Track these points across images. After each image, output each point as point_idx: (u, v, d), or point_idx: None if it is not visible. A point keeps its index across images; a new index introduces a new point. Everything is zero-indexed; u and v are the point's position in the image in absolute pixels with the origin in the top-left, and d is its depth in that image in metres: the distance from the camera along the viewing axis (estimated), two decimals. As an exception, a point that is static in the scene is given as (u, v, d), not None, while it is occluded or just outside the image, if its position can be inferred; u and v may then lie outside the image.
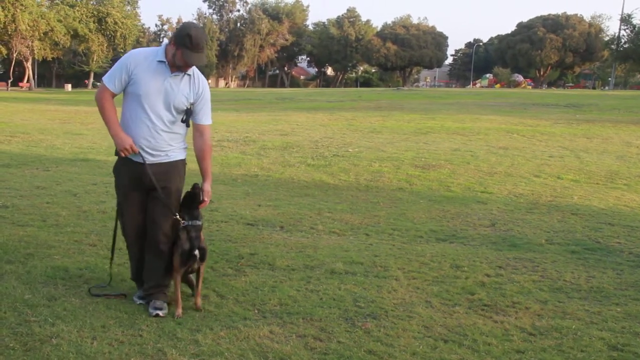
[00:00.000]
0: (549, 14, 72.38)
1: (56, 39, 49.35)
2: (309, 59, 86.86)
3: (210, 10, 78.83)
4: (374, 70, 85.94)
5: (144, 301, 3.51)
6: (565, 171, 8.94)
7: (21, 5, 44.30)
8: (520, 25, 73.86)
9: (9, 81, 49.51)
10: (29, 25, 45.02)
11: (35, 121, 16.81)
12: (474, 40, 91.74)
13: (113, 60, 49.98)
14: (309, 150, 10.62)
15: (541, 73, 72.07)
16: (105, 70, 47.01)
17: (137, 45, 55.12)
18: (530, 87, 63.10)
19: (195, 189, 3.43)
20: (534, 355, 3.00)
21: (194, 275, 3.59)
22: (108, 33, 56.46)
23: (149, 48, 3.47)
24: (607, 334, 3.27)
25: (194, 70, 3.42)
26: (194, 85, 3.42)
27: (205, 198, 3.48)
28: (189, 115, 3.42)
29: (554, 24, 69.87)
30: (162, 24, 77.91)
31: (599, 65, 73.84)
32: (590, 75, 77.68)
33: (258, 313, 3.43)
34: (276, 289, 3.82)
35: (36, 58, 51.92)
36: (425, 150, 10.68)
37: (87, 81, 61.38)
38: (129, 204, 3.47)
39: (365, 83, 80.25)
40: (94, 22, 54.74)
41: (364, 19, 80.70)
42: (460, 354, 2.99)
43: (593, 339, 3.19)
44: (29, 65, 52.13)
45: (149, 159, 3.37)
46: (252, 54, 75.37)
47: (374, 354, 2.96)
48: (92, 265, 4.14)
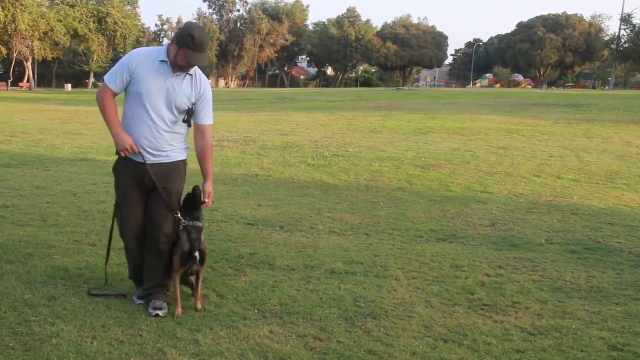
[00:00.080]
0: (549, 14, 72.42)
1: (56, 39, 49.35)
2: (309, 59, 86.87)
3: (211, 11, 79.02)
4: (374, 70, 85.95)
5: (143, 301, 3.51)
6: (566, 171, 8.94)
7: (21, 5, 44.30)
8: (520, 25, 73.87)
9: (9, 81, 49.51)
10: (29, 26, 45.01)
11: (35, 121, 16.81)
12: (474, 40, 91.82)
13: (113, 60, 50.13)
14: (309, 150, 10.62)
15: (541, 73, 72.07)
16: (105, 71, 47.14)
17: (137, 45, 55.07)
18: (530, 87, 63.08)
19: (196, 192, 3.42)
20: (534, 355, 3.00)
21: (193, 277, 3.59)
22: (108, 33, 56.49)
23: (151, 48, 3.45)
24: (608, 334, 3.27)
25: (196, 70, 3.41)
26: (195, 86, 3.41)
27: (206, 199, 3.48)
28: (190, 115, 3.41)
29: (554, 24, 69.89)
30: (162, 24, 78.05)
31: (599, 65, 73.83)
32: (590, 75, 77.64)
33: (258, 313, 3.43)
34: (276, 289, 3.82)
35: (36, 58, 51.92)
36: (425, 150, 10.68)
37: (88, 81, 61.41)
38: (129, 204, 3.45)
39: (366, 83, 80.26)
40: (94, 22, 54.76)
41: (364, 19, 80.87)
42: (460, 354, 2.99)
43: (593, 339, 3.19)
44: (29, 65, 52.14)
45: (150, 159, 3.36)
46: (252, 54, 75.40)
47: (374, 354, 2.96)
48: (92, 265, 4.14)
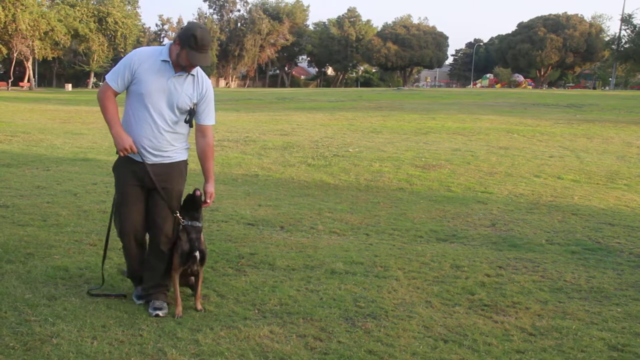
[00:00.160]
0: (550, 14, 72.45)
1: (57, 39, 49.37)
2: (309, 59, 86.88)
3: (211, 10, 79.07)
4: (374, 70, 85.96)
5: (143, 301, 3.51)
6: (566, 171, 8.94)
7: (22, 5, 44.32)
8: (520, 25, 73.90)
9: (10, 81, 49.53)
10: (29, 25, 45.03)
11: (35, 121, 16.81)
12: (475, 40, 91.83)
13: (113, 60, 50.13)
14: (309, 150, 10.62)
15: (542, 73, 72.07)
16: (105, 70, 47.20)
17: (138, 45, 55.15)
18: (530, 87, 63.05)
19: (196, 194, 3.42)
20: (534, 355, 3.00)
21: (193, 278, 3.59)
22: (108, 33, 56.55)
23: (152, 47, 3.44)
24: (608, 334, 3.27)
25: (197, 70, 3.40)
26: (197, 86, 3.40)
27: (207, 200, 3.48)
28: (192, 115, 3.41)
29: (555, 24, 69.90)
30: (163, 24, 78.07)
31: (599, 65, 73.80)
32: (590, 75, 77.56)
33: (258, 313, 3.43)
34: (276, 289, 3.82)
35: (37, 58, 51.89)
36: (425, 150, 10.68)
37: (88, 81, 61.43)
38: (129, 203, 3.44)
39: (366, 83, 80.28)
40: (94, 22, 54.82)
41: (364, 19, 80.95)
42: (460, 354, 2.99)
43: (593, 339, 3.19)
44: (29, 65, 52.15)
45: (150, 159, 3.36)
46: (253, 54, 75.43)
47: (374, 354, 2.96)
48: (93, 265, 4.14)
